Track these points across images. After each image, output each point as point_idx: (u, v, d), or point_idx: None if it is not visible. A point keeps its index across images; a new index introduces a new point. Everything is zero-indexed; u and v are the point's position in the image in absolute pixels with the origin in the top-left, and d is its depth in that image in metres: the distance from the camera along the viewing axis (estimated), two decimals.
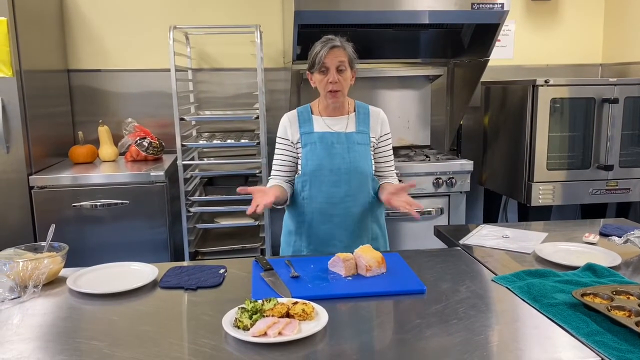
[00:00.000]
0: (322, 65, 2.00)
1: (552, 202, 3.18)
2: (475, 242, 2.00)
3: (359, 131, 2.12)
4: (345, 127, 2.12)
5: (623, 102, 3.14)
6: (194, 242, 3.17)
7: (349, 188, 2.07)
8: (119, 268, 1.73)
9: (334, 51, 2.00)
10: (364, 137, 2.12)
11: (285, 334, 1.25)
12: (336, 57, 2.00)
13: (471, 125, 3.80)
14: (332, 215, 2.08)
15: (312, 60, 2.04)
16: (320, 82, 2.04)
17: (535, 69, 3.83)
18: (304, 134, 2.11)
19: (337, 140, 2.09)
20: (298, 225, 2.15)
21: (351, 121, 2.13)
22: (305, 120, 2.13)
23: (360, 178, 2.09)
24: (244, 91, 3.56)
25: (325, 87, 2.04)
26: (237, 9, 3.49)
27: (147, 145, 3.15)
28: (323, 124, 2.12)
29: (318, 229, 2.10)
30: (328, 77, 2.01)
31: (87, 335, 1.32)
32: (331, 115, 2.13)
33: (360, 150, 2.10)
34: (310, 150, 2.08)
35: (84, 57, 3.43)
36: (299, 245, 2.16)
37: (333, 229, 2.09)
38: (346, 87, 2.06)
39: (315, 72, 2.04)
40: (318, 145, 2.08)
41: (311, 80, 2.10)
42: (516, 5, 3.71)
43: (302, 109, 2.18)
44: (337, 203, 2.07)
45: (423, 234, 3.17)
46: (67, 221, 2.75)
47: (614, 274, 1.63)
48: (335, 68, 2.00)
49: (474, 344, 1.25)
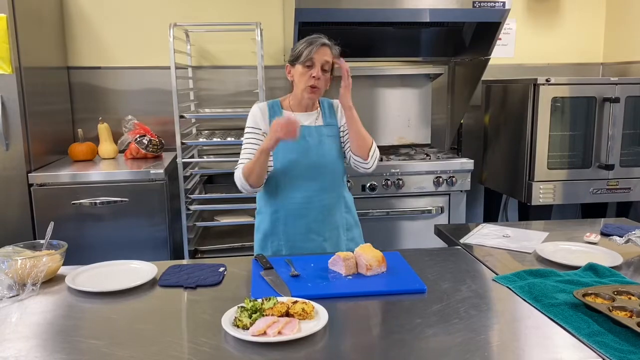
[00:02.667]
0: (310, 59, 1.99)
1: (552, 202, 3.17)
2: (476, 241, 2.00)
3: (327, 124, 2.13)
4: (314, 122, 2.12)
5: (624, 101, 3.13)
6: (193, 240, 3.17)
7: (323, 181, 2.08)
8: (118, 266, 1.72)
9: (324, 49, 2.01)
10: (333, 129, 2.13)
11: (285, 333, 1.24)
12: (324, 56, 2.00)
13: (472, 124, 3.79)
14: (308, 209, 2.07)
15: (299, 52, 2.02)
16: (302, 75, 2.02)
17: (536, 67, 3.82)
18: None
19: (308, 133, 2.07)
20: (273, 225, 2.11)
21: (320, 116, 2.14)
22: (275, 114, 2.10)
23: (333, 170, 2.10)
24: (244, 89, 3.55)
25: (307, 82, 2.02)
26: (238, 7, 3.48)
27: (147, 142, 3.14)
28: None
29: (295, 226, 2.08)
30: (312, 72, 2.00)
31: (86, 334, 1.31)
32: (302, 111, 2.12)
33: (330, 143, 2.10)
34: (283, 145, 2.00)
35: (84, 54, 3.41)
36: (276, 245, 2.11)
37: (310, 223, 2.07)
38: (324, 88, 2.07)
39: (298, 65, 2.02)
40: None
41: (289, 74, 2.09)
42: (517, 4, 3.70)
43: (272, 103, 2.16)
44: (312, 196, 2.07)
45: (423, 232, 3.17)
46: (67, 219, 2.74)
47: (616, 274, 1.62)
48: (320, 66, 2.00)
49: (475, 343, 1.24)
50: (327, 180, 2.09)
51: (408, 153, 3.46)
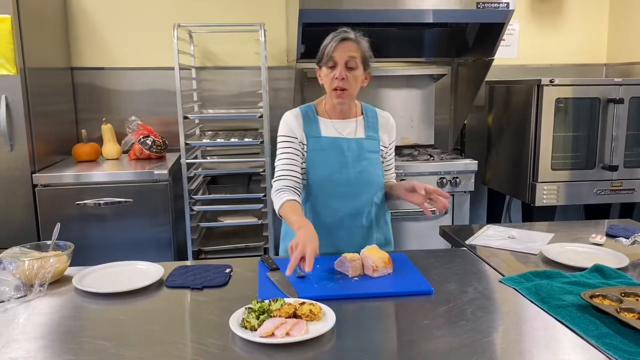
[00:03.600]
0: (330, 58, 1.80)
1: (556, 202, 3.17)
2: (482, 242, 1.99)
3: (368, 137, 1.93)
4: (354, 132, 1.92)
5: (628, 102, 3.13)
6: (197, 241, 3.17)
7: (358, 200, 1.90)
8: (124, 267, 1.72)
9: (345, 44, 1.79)
10: (374, 143, 1.93)
11: (293, 334, 1.24)
12: (347, 52, 1.79)
13: (475, 125, 3.79)
14: (338, 228, 1.91)
15: (321, 52, 1.84)
16: (326, 77, 1.84)
17: (540, 68, 3.81)
18: (311, 137, 1.90)
19: (347, 147, 1.88)
20: None
21: (360, 125, 1.94)
22: (310, 121, 1.91)
23: (370, 190, 1.92)
24: (247, 89, 3.55)
25: (331, 84, 1.83)
26: (241, 7, 3.48)
27: (151, 143, 3.14)
28: (332, 127, 1.92)
29: (321, 244, 1.83)
30: (335, 73, 1.80)
31: (93, 335, 1.31)
32: (339, 117, 1.93)
33: (370, 159, 1.91)
34: (319, 157, 1.87)
35: (88, 55, 3.42)
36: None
37: (338, 242, 1.88)
38: (355, 88, 1.85)
39: (323, 67, 1.84)
40: (329, 152, 1.88)
41: (319, 77, 1.90)
42: (521, 5, 3.70)
43: (305, 108, 1.96)
44: (344, 216, 1.90)
45: (427, 233, 3.16)
46: (71, 219, 2.74)
47: (622, 275, 1.62)
48: (344, 63, 1.79)
49: (482, 345, 1.24)
50: (362, 201, 1.91)
51: (411, 154, 3.46)
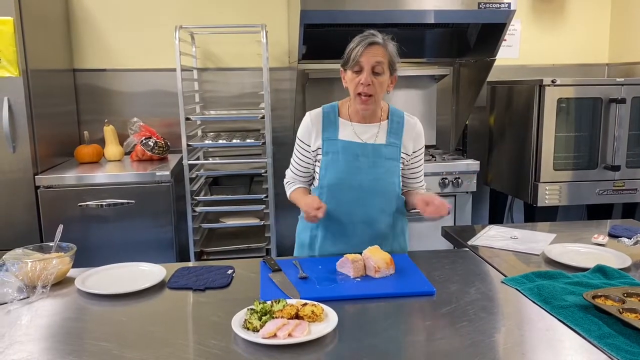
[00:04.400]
0: (357, 63, 1.76)
1: (558, 203, 3.17)
2: (484, 242, 1.99)
3: (389, 143, 1.88)
4: (375, 137, 1.88)
5: (630, 102, 3.12)
6: (199, 242, 3.17)
7: (371, 208, 1.87)
8: (127, 268, 1.73)
9: (373, 49, 1.76)
10: (394, 150, 1.88)
11: (295, 335, 1.24)
12: (374, 57, 1.76)
13: (477, 125, 3.78)
14: (349, 236, 1.89)
15: (347, 55, 1.80)
16: (351, 82, 1.81)
17: (541, 68, 3.81)
18: (326, 140, 1.88)
19: (362, 152, 1.85)
20: (311, 241, 1.95)
21: (382, 130, 1.90)
22: (330, 124, 1.89)
23: (383, 197, 1.89)
24: (249, 91, 3.55)
25: (355, 89, 1.80)
26: (243, 9, 3.49)
27: (153, 144, 3.15)
28: (351, 130, 1.89)
29: (332, 248, 1.89)
30: (360, 78, 1.77)
31: (96, 336, 1.31)
32: (361, 121, 1.89)
33: (387, 166, 1.87)
34: (331, 161, 1.86)
35: (90, 57, 3.42)
36: None
37: (349, 249, 1.80)
38: (381, 93, 1.83)
39: (348, 70, 1.81)
40: (341, 156, 1.86)
41: (343, 80, 1.87)
42: (522, 5, 3.69)
43: (328, 109, 1.92)
44: (355, 223, 1.87)
45: (429, 234, 3.16)
46: (73, 221, 2.75)
47: (625, 275, 1.62)
48: (370, 68, 1.77)
49: (485, 346, 1.24)
50: (375, 208, 1.87)
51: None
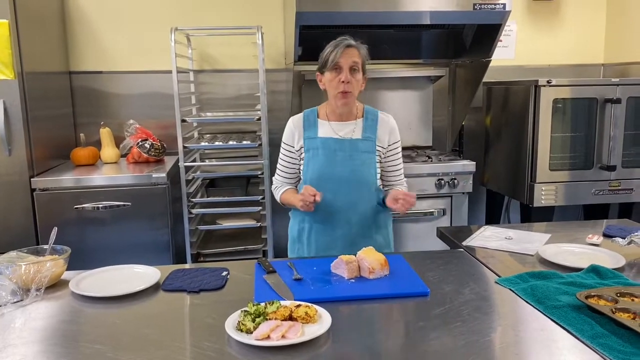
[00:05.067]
0: (336, 64, 1.93)
1: (554, 203, 3.17)
2: (479, 243, 2.00)
3: (364, 138, 2.05)
4: (352, 133, 2.05)
5: (625, 102, 3.13)
6: (195, 244, 3.17)
7: (350, 197, 2.02)
8: (121, 271, 1.73)
9: (348, 51, 1.94)
10: (369, 144, 2.05)
11: (289, 337, 1.25)
12: (350, 57, 1.94)
13: (473, 126, 3.79)
14: (333, 225, 2.04)
15: (325, 59, 1.97)
16: (331, 81, 1.97)
17: (537, 69, 3.82)
18: (307, 139, 2.06)
19: (339, 147, 2.03)
20: (299, 233, 2.13)
21: (358, 127, 2.06)
22: (310, 124, 2.07)
23: (361, 187, 2.04)
24: (245, 92, 3.55)
25: (336, 87, 1.96)
26: (238, 10, 3.49)
27: (149, 147, 3.15)
28: (329, 128, 2.06)
29: (318, 238, 2.08)
30: (340, 77, 1.94)
31: (90, 339, 1.31)
32: (338, 120, 2.07)
33: (363, 159, 2.03)
34: (312, 157, 2.04)
35: (86, 59, 3.43)
36: (301, 252, 2.14)
37: (334, 238, 2.05)
38: (357, 90, 2.00)
39: (326, 72, 1.98)
40: (320, 151, 2.03)
41: (320, 82, 2.04)
42: (517, 6, 3.70)
43: (308, 112, 2.12)
44: (337, 212, 2.03)
45: (425, 235, 3.17)
46: (69, 223, 2.74)
47: (618, 275, 1.62)
48: (349, 68, 1.94)
49: (479, 346, 1.24)
50: (354, 197, 2.03)
51: (410, 155, 3.46)
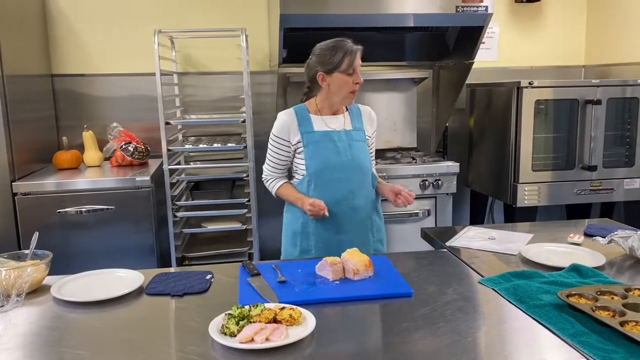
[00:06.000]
0: (352, 68, 2.06)
1: (537, 203, 3.21)
2: (462, 243, 2.01)
3: (355, 128, 2.19)
4: (343, 125, 2.18)
5: (606, 103, 3.17)
6: (180, 247, 3.15)
7: (353, 184, 2.14)
8: (104, 275, 1.71)
9: (359, 54, 2.09)
10: (360, 134, 2.20)
11: (273, 339, 1.24)
12: (359, 60, 2.10)
13: (457, 127, 3.81)
14: (338, 212, 2.12)
15: (338, 61, 2.05)
16: (344, 82, 2.08)
17: (520, 71, 3.86)
18: (305, 133, 2.13)
19: (338, 138, 2.14)
20: (304, 226, 2.17)
21: (347, 119, 2.20)
22: (303, 119, 2.16)
23: (362, 174, 2.17)
24: (230, 94, 3.54)
25: (350, 88, 2.10)
26: (223, 13, 3.48)
27: (133, 150, 3.13)
28: (322, 122, 2.17)
29: (325, 227, 2.14)
30: (354, 78, 2.08)
31: (72, 344, 1.30)
32: (329, 114, 2.19)
33: (359, 147, 2.17)
34: (313, 150, 2.12)
35: (68, 62, 3.39)
36: (305, 245, 2.18)
37: (340, 225, 2.14)
38: None
39: (337, 73, 2.07)
40: (321, 144, 2.13)
41: (323, 82, 2.11)
42: (500, 8, 3.74)
43: (297, 109, 2.19)
44: (342, 200, 2.13)
45: (410, 235, 3.18)
46: (52, 228, 2.71)
47: (599, 274, 1.64)
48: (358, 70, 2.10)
49: (461, 346, 1.25)
50: (357, 183, 2.15)
51: (394, 157, 3.48)
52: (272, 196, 2.27)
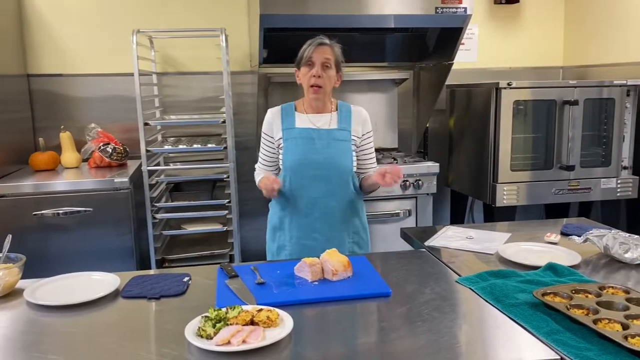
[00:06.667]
0: (309, 59, 2.09)
1: (516, 203, 3.24)
2: (441, 243, 2.02)
3: (340, 128, 2.19)
4: (328, 124, 2.19)
5: (583, 103, 3.22)
6: (160, 249, 3.12)
7: (329, 183, 2.15)
8: (79, 278, 1.69)
9: (321, 48, 2.10)
10: (345, 133, 2.19)
11: (250, 342, 1.24)
12: (323, 54, 2.09)
13: (437, 128, 3.84)
14: (313, 209, 2.15)
15: (301, 55, 2.13)
16: (304, 75, 2.13)
17: (499, 72, 3.90)
18: (285, 129, 2.18)
19: (317, 136, 2.16)
20: (281, 220, 2.22)
21: (334, 119, 2.21)
22: (287, 116, 2.20)
23: (340, 173, 2.16)
24: (210, 95, 3.52)
25: (309, 81, 2.12)
26: (203, 13, 3.46)
27: (111, 151, 3.09)
28: (306, 120, 2.19)
29: (300, 223, 2.17)
30: (312, 71, 2.09)
31: (46, 349, 1.28)
32: (315, 112, 2.21)
33: (340, 147, 2.17)
34: (291, 145, 2.15)
35: (45, 62, 3.34)
36: (282, 239, 2.22)
37: (314, 222, 2.15)
38: (329, 86, 2.15)
39: (302, 67, 2.13)
40: (299, 140, 2.15)
41: (298, 78, 2.19)
42: (479, 10, 3.77)
43: (286, 105, 2.26)
44: (318, 197, 2.14)
45: (391, 235, 3.19)
46: (28, 230, 2.67)
47: (574, 272, 1.66)
48: (320, 64, 2.09)
49: (438, 345, 1.26)
50: (333, 183, 2.16)
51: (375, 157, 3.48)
52: (253, 197, 2.29)
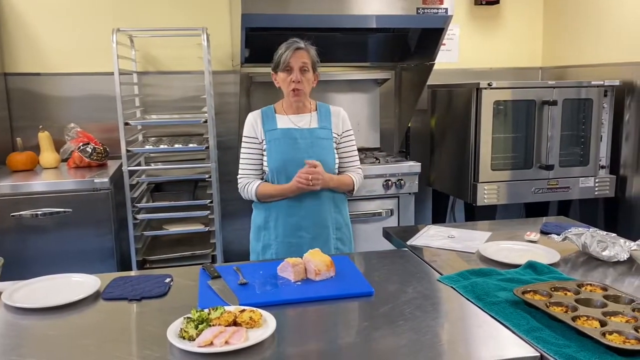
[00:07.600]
0: (287, 65, 2.13)
1: (496, 202, 3.28)
2: (422, 242, 2.04)
3: (321, 126, 2.23)
4: (309, 124, 2.22)
5: (561, 104, 3.26)
6: (141, 250, 3.09)
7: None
8: (58, 280, 1.66)
9: (298, 52, 2.13)
10: (326, 132, 2.22)
11: (232, 342, 1.23)
12: (300, 59, 2.13)
13: (419, 128, 3.86)
14: (299, 208, 2.17)
15: (277, 60, 2.16)
16: (284, 81, 2.17)
17: (479, 72, 3.94)
18: (267, 131, 2.20)
19: (300, 135, 2.18)
20: (266, 220, 2.22)
21: (313, 118, 2.25)
22: (268, 118, 2.23)
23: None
24: (192, 94, 3.49)
25: (288, 86, 2.16)
26: (184, 12, 3.43)
27: (91, 151, 3.05)
28: (287, 120, 2.22)
29: (285, 222, 2.18)
30: (292, 77, 2.13)
31: (25, 353, 1.26)
32: (295, 113, 2.24)
33: (323, 145, 2.20)
34: (274, 146, 2.17)
35: (22, 60, 3.28)
36: (267, 238, 2.22)
37: (299, 220, 2.18)
38: (308, 87, 2.19)
39: (279, 72, 2.17)
40: (282, 140, 2.17)
41: (275, 81, 2.23)
42: (460, 10, 3.81)
43: (266, 109, 2.28)
44: (303, 196, 2.16)
45: (374, 235, 3.20)
46: (6, 232, 2.62)
47: (554, 270, 1.69)
48: (299, 68, 2.13)
49: (420, 344, 1.27)
50: None
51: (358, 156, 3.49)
52: (235, 197, 2.27)
